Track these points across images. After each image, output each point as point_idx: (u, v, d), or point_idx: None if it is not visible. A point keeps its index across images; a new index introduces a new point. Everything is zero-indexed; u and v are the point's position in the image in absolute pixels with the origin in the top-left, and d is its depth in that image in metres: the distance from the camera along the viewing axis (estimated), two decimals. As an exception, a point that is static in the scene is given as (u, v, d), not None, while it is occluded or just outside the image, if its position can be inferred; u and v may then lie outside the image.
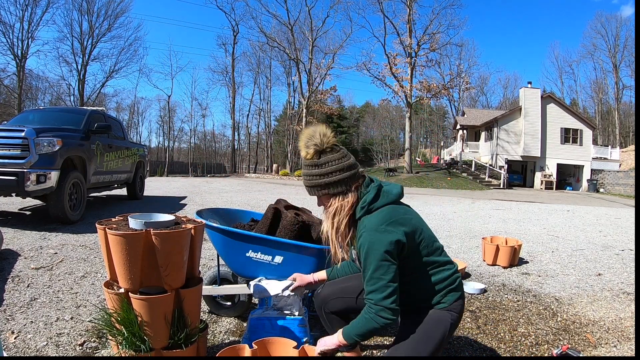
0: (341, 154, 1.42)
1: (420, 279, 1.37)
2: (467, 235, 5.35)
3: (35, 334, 1.94)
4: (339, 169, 1.39)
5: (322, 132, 1.41)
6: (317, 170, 1.40)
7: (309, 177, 1.43)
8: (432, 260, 1.38)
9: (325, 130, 1.42)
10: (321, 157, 1.40)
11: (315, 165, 1.40)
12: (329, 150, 1.41)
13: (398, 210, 1.37)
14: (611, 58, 34.54)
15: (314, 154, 1.40)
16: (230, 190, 11.56)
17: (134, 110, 39.82)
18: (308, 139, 1.41)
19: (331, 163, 1.39)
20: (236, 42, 34.49)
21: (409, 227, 1.33)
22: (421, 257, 1.36)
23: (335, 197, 1.41)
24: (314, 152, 1.40)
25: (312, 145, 1.40)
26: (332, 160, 1.40)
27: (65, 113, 6.23)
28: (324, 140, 1.40)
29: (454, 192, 15.95)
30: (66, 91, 29.52)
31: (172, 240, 1.44)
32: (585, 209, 10.00)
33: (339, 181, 1.39)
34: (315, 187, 1.42)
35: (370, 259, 1.27)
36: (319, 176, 1.40)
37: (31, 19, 24.88)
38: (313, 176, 1.41)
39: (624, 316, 2.57)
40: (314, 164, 1.41)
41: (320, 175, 1.40)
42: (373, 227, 1.30)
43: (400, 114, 39.38)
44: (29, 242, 3.61)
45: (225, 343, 2.00)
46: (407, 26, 21.83)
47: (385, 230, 1.29)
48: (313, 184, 1.42)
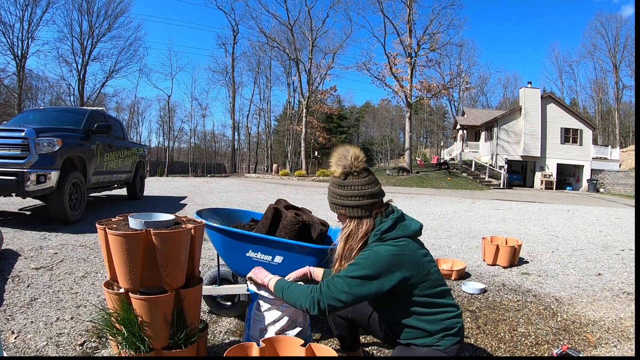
0: (367, 181, 1.42)
1: (418, 316, 1.36)
2: (467, 235, 5.35)
3: (35, 334, 1.94)
4: (360, 195, 1.41)
5: (355, 154, 1.43)
6: (339, 190, 1.44)
7: (331, 194, 1.47)
8: (433, 302, 1.37)
9: (358, 153, 1.44)
10: (347, 178, 1.43)
11: (340, 185, 1.44)
12: (356, 174, 1.42)
13: (410, 247, 1.37)
14: (611, 58, 34.58)
15: (340, 174, 1.43)
16: (230, 190, 11.56)
17: (134, 110, 39.86)
18: (339, 158, 1.44)
19: (353, 187, 1.41)
20: (236, 42, 34.57)
21: (411, 270, 1.33)
22: (421, 296, 1.36)
23: (352, 220, 1.43)
24: (341, 172, 1.43)
25: (341, 165, 1.43)
26: (355, 185, 1.41)
27: (65, 113, 6.23)
28: (354, 163, 1.42)
29: (454, 192, 15.95)
30: (66, 91, 29.57)
31: (172, 240, 1.44)
32: (585, 209, 10.00)
33: (357, 206, 1.41)
34: (334, 204, 1.46)
35: (358, 267, 1.30)
36: (340, 196, 1.43)
37: (31, 19, 24.92)
38: (335, 194, 1.45)
39: (624, 316, 2.57)
40: (339, 183, 1.44)
41: (341, 195, 1.43)
42: (378, 250, 1.33)
43: (400, 114, 39.41)
44: (29, 242, 3.60)
45: (225, 343, 2.00)
46: (407, 26, 21.83)
47: (385, 262, 1.30)
48: (333, 202, 1.46)
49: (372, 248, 1.35)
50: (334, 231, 2.29)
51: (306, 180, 21.41)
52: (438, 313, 1.37)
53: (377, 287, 1.30)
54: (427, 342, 1.35)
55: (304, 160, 26.41)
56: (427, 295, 1.36)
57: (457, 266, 3.39)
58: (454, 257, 3.85)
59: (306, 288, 1.38)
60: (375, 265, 1.29)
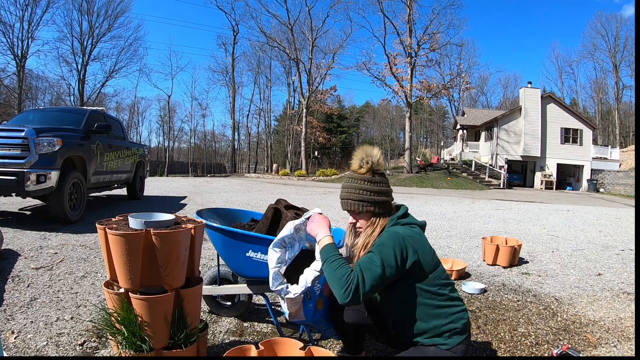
0: (387, 180, 1.52)
1: (426, 308, 1.37)
2: (467, 235, 5.35)
3: (35, 334, 1.94)
4: (386, 193, 1.49)
5: (378, 154, 1.50)
6: (369, 186, 1.46)
7: (358, 190, 1.46)
8: (442, 293, 1.39)
9: (380, 155, 1.51)
10: (375, 176, 1.48)
11: (369, 182, 1.47)
12: (379, 174, 1.50)
13: (422, 234, 1.48)
14: (611, 58, 34.57)
15: (367, 171, 1.48)
16: (230, 190, 11.56)
17: (134, 110, 39.86)
18: (367, 155, 1.49)
19: (382, 184, 1.49)
20: (236, 42, 34.56)
21: (424, 254, 1.39)
22: (431, 285, 1.38)
23: (377, 217, 1.47)
24: (368, 169, 1.48)
25: (369, 162, 1.47)
26: (384, 183, 1.49)
27: (65, 113, 6.23)
28: (380, 163, 1.49)
29: (454, 192, 15.95)
30: (66, 91, 29.55)
31: (172, 240, 1.44)
32: (585, 209, 10.00)
33: (384, 202, 1.47)
34: (363, 201, 1.46)
35: (380, 248, 1.34)
36: (371, 192, 1.46)
37: (31, 19, 24.89)
38: (364, 190, 1.46)
39: (624, 316, 2.57)
40: (369, 179, 1.47)
41: (371, 192, 1.46)
42: (396, 229, 1.41)
43: (400, 114, 39.41)
44: (29, 242, 3.60)
45: (225, 343, 2.00)
46: (407, 26, 21.82)
47: (404, 238, 1.36)
48: (362, 198, 1.46)
49: (389, 230, 1.41)
50: (334, 231, 2.29)
51: (306, 180, 21.42)
52: (445, 307, 1.38)
53: (401, 261, 1.33)
54: (435, 341, 1.36)
55: (304, 160, 26.41)
56: (436, 285, 1.39)
57: (457, 266, 3.39)
58: (454, 257, 3.85)
59: (348, 272, 1.30)
60: (396, 240, 1.35)
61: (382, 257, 1.31)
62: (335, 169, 26.70)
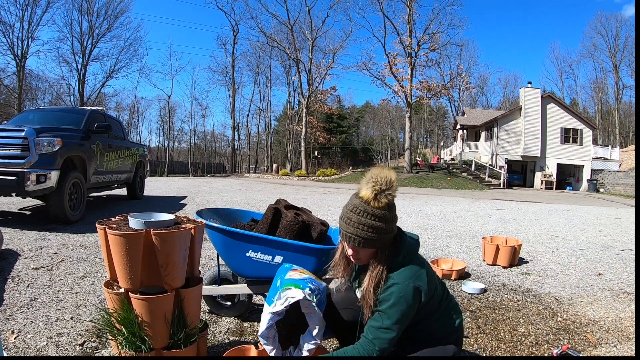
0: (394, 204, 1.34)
1: (431, 323, 1.42)
2: (467, 235, 5.35)
3: (35, 334, 1.94)
4: (395, 223, 1.35)
5: (394, 179, 1.30)
6: (383, 225, 1.28)
7: (373, 229, 1.27)
8: (446, 305, 1.44)
9: (395, 177, 1.31)
10: (390, 209, 1.29)
11: (383, 219, 1.28)
12: (393, 202, 1.31)
13: (421, 262, 1.38)
14: (611, 58, 34.56)
15: (385, 205, 1.28)
16: (230, 190, 11.56)
17: (134, 110, 39.84)
18: (385, 182, 1.27)
19: (394, 217, 1.32)
20: (236, 42, 34.56)
21: (431, 281, 1.37)
22: (435, 305, 1.40)
23: (384, 250, 1.34)
24: (387, 203, 1.28)
25: (388, 195, 1.27)
26: (395, 215, 1.32)
27: (65, 113, 6.23)
28: (395, 189, 1.29)
29: (454, 192, 15.95)
30: (66, 91, 29.54)
31: (172, 240, 1.44)
32: (585, 209, 10.00)
33: (393, 236, 1.34)
34: (376, 240, 1.29)
35: (394, 310, 1.28)
36: (384, 231, 1.29)
37: (31, 19, 24.90)
38: (378, 229, 1.28)
39: (624, 316, 2.57)
40: (384, 216, 1.28)
41: (385, 231, 1.29)
42: (404, 282, 1.29)
43: (400, 114, 39.37)
44: (29, 242, 3.60)
45: (225, 343, 2.00)
46: (407, 26, 21.82)
47: (415, 286, 1.30)
48: (379, 237, 1.29)
49: (396, 281, 1.29)
50: (334, 231, 2.29)
51: (306, 180, 21.41)
52: (449, 316, 1.44)
53: (413, 310, 1.31)
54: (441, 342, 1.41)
55: (304, 160, 26.41)
56: (437, 304, 1.41)
57: (457, 266, 3.38)
58: (454, 257, 3.84)
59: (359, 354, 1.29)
60: (410, 296, 1.28)
61: (397, 319, 1.27)
62: (335, 169, 26.70)
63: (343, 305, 1.57)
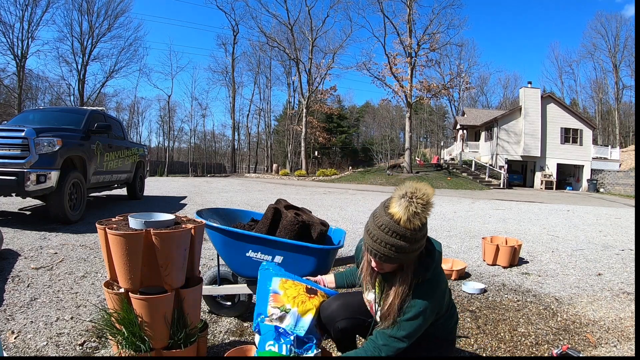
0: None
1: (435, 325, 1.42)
2: (467, 235, 5.35)
3: (35, 334, 1.94)
4: (425, 237, 1.28)
5: (431, 197, 1.21)
6: (409, 246, 1.20)
7: (400, 250, 1.20)
8: (448, 310, 1.47)
9: (433, 193, 1.23)
10: (421, 230, 1.21)
11: (412, 241, 1.19)
12: (426, 220, 1.23)
13: (442, 278, 1.37)
14: (611, 58, 34.56)
15: (418, 227, 1.18)
16: (230, 190, 11.56)
17: (134, 110, 39.83)
18: (422, 208, 1.17)
19: (424, 234, 1.25)
20: (236, 42, 34.56)
21: (447, 294, 1.40)
22: (442, 312, 1.42)
23: (410, 267, 1.29)
24: (420, 225, 1.19)
25: (423, 218, 1.18)
26: (426, 231, 1.26)
27: (65, 113, 6.23)
28: (430, 206, 1.21)
29: (454, 192, 15.95)
30: (66, 91, 29.54)
31: (172, 240, 1.44)
32: (585, 209, 10.00)
33: (421, 250, 1.28)
34: (404, 259, 1.24)
35: (410, 324, 1.28)
36: (414, 251, 1.23)
37: (31, 19, 24.89)
38: (405, 250, 1.20)
39: (624, 316, 2.57)
40: (413, 237, 1.19)
41: (412, 250, 1.22)
42: (426, 299, 1.28)
43: (400, 114, 39.35)
44: (29, 242, 3.60)
45: (225, 343, 2.00)
46: (407, 26, 21.82)
47: (434, 305, 1.31)
48: (403, 257, 1.23)
49: (419, 297, 1.28)
50: (334, 231, 2.29)
51: (306, 180, 21.41)
52: (450, 318, 1.47)
53: (427, 326, 1.32)
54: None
55: (304, 160, 26.41)
56: (448, 307, 1.44)
57: (457, 266, 3.38)
58: (454, 257, 3.84)
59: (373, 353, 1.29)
60: (431, 309, 1.29)
61: (410, 332, 1.28)
62: (335, 169, 26.70)
63: (340, 316, 1.52)
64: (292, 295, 1.55)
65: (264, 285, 1.60)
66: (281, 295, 1.55)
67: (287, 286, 1.58)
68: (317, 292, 1.61)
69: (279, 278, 1.61)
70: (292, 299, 1.54)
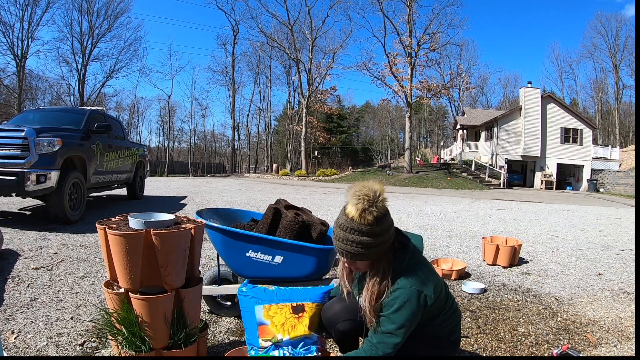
0: (388, 212, 1.31)
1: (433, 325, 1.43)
2: (467, 235, 5.35)
3: (35, 334, 1.94)
4: (390, 234, 1.32)
5: (379, 191, 1.26)
6: (371, 240, 1.26)
7: (361, 245, 1.26)
8: (446, 304, 1.45)
9: (381, 188, 1.28)
10: (378, 223, 1.26)
11: (372, 234, 1.26)
12: (383, 213, 1.28)
13: (427, 267, 1.38)
14: (611, 58, 34.55)
15: (374, 220, 1.25)
16: (230, 190, 11.56)
17: (134, 110, 39.85)
18: (369, 203, 1.24)
19: (387, 225, 1.29)
20: (236, 42, 34.56)
21: (437, 284, 1.36)
22: (440, 307, 1.41)
23: (382, 259, 1.32)
24: (373, 218, 1.25)
25: (373, 211, 1.25)
26: (388, 223, 1.30)
27: (65, 113, 6.24)
28: (383, 200, 1.27)
29: (454, 191, 15.95)
30: (66, 91, 29.56)
31: (172, 240, 1.44)
32: (585, 209, 10.00)
33: (389, 241, 1.31)
34: (369, 254, 1.29)
35: (399, 315, 1.28)
36: (377, 244, 1.27)
37: (31, 19, 24.91)
38: (369, 244, 1.26)
39: (624, 316, 2.57)
40: (371, 232, 1.25)
41: (376, 244, 1.27)
42: (409, 287, 1.29)
43: (400, 114, 39.37)
44: (29, 242, 3.60)
45: (225, 343, 2.00)
46: (407, 26, 21.82)
47: (420, 290, 1.30)
48: (370, 252, 1.28)
49: (400, 286, 1.29)
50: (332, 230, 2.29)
51: (306, 180, 21.42)
52: (451, 314, 1.44)
53: (418, 315, 1.31)
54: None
55: (304, 160, 26.41)
56: (440, 307, 1.41)
57: (457, 266, 3.38)
58: (454, 257, 3.84)
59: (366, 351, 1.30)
60: (414, 302, 1.28)
61: (401, 324, 1.26)
62: (335, 169, 26.70)
63: (342, 318, 1.54)
64: (279, 322, 1.54)
65: (249, 316, 1.62)
66: (269, 326, 1.54)
67: (272, 313, 1.57)
68: (305, 308, 1.60)
69: (261, 306, 1.60)
70: (280, 326, 1.53)
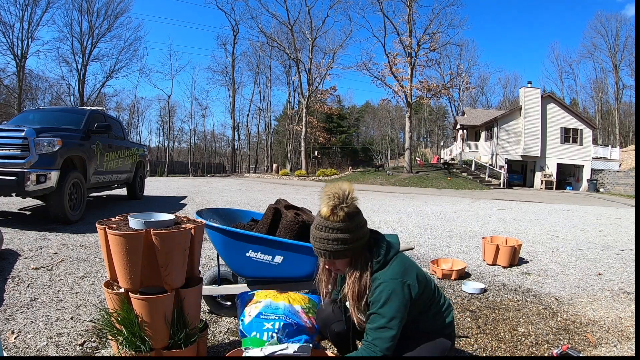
0: (360, 210, 1.37)
1: (424, 317, 1.44)
2: (467, 235, 5.35)
3: (35, 334, 1.94)
4: (364, 232, 1.37)
5: (348, 189, 1.33)
6: (346, 236, 1.32)
7: (337, 241, 1.32)
8: (435, 297, 1.46)
9: (350, 187, 1.35)
10: (351, 219, 1.33)
11: (346, 231, 1.32)
12: (355, 210, 1.34)
13: (407, 260, 1.41)
14: (611, 58, 34.55)
15: (344, 216, 1.32)
16: (230, 190, 11.56)
17: (134, 110, 39.82)
18: (339, 200, 1.32)
19: (359, 223, 1.35)
20: (236, 42, 34.56)
21: (420, 277, 1.39)
22: (427, 300, 1.42)
23: (359, 258, 1.36)
24: (346, 213, 1.32)
25: (343, 207, 1.32)
26: (360, 221, 1.35)
27: (65, 113, 6.24)
28: (353, 199, 1.33)
29: (454, 191, 15.95)
30: (66, 91, 29.55)
31: (172, 240, 1.44)
32: (585, 209, 10.00)
33: (363, 238, 1.36)
34: (346, 250, 1.33)
35: (388, 308, 1.29)
36: (351, 241, 1.33)
37: (31, 19, 24.89)
38: (343, 240, 1.32)
39: (624, 316, 2.57)
40: (345, 228, 1.32)
41: (351, 240, 1.33)
42: (391, 279, 1.32)
43: (400, 114, 39.36)
44: (29, 242, 3.60)
45: (225, 343, 2.00)
46: (407, 26, 21.81)
47: (403, 281, 1.32)
48: (345, 249, 1.33)
49: (383, 280, 1.32)
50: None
51: (306, 180, 21.42)
52: (441, 309, 1.45)
53: (407, 306, 1.32)
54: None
55: (304, 160, 26.41)
56: (429, 298, 1.43)
57: (457, 266, 3.39)
58: (454, 257, 3.84)
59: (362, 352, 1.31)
60: (400, 293, 1.30)
61: (392, 316, 1.28)
62: (335, 169, 26.70)
63: (333, 320, 1.56)
64: (264, 294, 1.69)
65: (242, 307, 1.71)
66: (254, 298, 1.68)
67: (260, 293, 1.71)
68: (293, 294, 1.72)
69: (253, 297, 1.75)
70: (264, 295, 1.67)
